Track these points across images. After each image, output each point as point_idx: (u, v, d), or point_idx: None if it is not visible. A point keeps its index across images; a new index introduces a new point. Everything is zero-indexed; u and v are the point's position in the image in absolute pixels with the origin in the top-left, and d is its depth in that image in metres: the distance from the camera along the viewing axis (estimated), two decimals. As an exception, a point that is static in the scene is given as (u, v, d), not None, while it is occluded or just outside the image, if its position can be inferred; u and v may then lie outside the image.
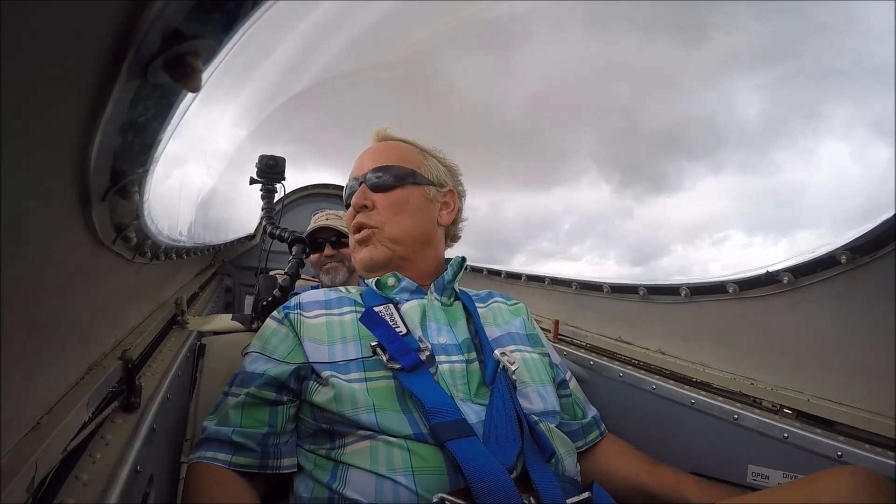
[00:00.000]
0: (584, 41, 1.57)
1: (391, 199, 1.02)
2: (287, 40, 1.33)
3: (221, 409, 0.87)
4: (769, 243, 1.34)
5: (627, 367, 1.27)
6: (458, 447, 0.71)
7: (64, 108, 0.35)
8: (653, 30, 1.45)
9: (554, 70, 1.72)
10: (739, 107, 1.42)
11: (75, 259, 0.51)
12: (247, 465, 0.81)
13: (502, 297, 1.12)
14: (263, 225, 1.63)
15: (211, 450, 0.82)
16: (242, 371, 0.90)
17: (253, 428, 0.84)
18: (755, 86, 1.36)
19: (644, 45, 1.48)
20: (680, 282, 1.21)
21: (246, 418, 0.85)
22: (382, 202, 1.02)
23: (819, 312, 0.92)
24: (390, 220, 1.01)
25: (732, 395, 1.05)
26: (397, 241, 1.00)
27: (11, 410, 0.47)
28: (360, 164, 1.08)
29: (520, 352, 0.96)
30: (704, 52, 1.39)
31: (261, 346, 0.93)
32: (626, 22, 1.47)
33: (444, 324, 0.93)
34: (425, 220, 1.04)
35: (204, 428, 0.86)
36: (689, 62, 1.43)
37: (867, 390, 0.85)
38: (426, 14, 1.67)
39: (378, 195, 1.02)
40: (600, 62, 1.59)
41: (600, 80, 1.66)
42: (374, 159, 1.06)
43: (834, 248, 0.85)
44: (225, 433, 0.83)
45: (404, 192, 1.03)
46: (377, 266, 1.01)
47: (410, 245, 1.02)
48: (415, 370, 0.81)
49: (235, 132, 1.54)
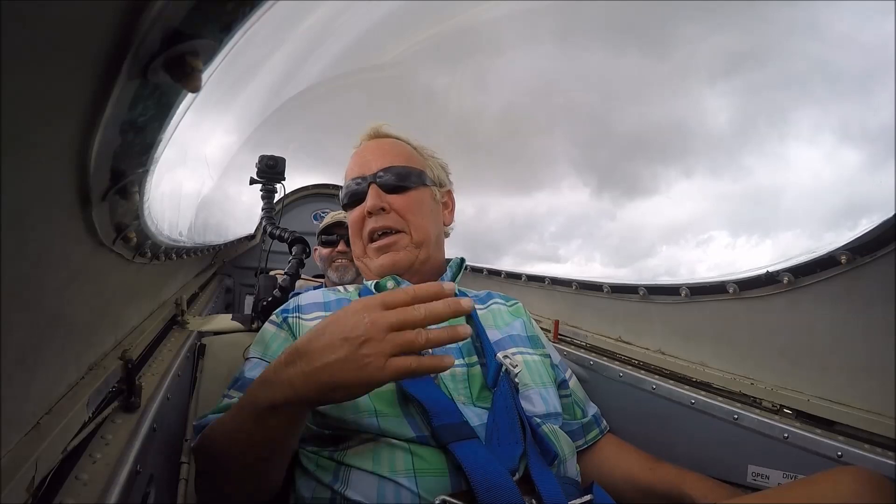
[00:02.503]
0: (555, 54, 1.64)
1: (409, 201, 0.98)
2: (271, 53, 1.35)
3: (219, 408, 0.87)
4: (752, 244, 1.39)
5: (627, 367, 1.27)
6: (461, 449, 0.71)
7: (64, 107, 0.35)
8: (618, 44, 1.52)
9: (527, 81, 1.80)
10: (708, 114, 1.49)
11: (75, 259, 0.51)
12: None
13: (501, 298, 1.11)
14: (263, 225, 1.63)
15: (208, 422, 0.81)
16: (242, 377, 0.90)
17: None
18: (721, 94, 1.42)
19: (611, 58, 1.55)
20: (680, 282, 1.21)
21: None
22: (400, 204, 0.97)
23: (819, 312, 0.92)
24: (412, 223, 0.97)
25: (732, 395, 1.05)
26: (420, 244, 0.98)
27: (11, 410, 0.47)
28: (363, 162, 1.03)
29: (521, 354, 0.95)
30: (669, 63, 1.45)
31: (261, 351, 0.92)
32: (593, 37, 1.54)
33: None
34: (437, 221, 1.02)
35: (197, 428, 0.85)
36: (655, 73, 1.50)
37: (867, 390, 0.85)
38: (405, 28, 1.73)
39: (393, 197, 0.98)
40: (571, 73, 1.67)
41: (572, 90, 1.73)
42: (380, 158, 1.01)
43: (834, 248, 0.85)
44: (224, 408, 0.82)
45: (418, 193, 0.99)
46: (399, 272, 0.98)
47: (429, 248, 0.99)
48: None
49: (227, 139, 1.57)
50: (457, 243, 1.19)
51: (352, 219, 1.03)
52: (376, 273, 1.00)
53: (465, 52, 1.80)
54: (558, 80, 1.73)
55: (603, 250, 1.92)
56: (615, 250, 1.88)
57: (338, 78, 2.03)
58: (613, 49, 1.54)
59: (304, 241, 1.49)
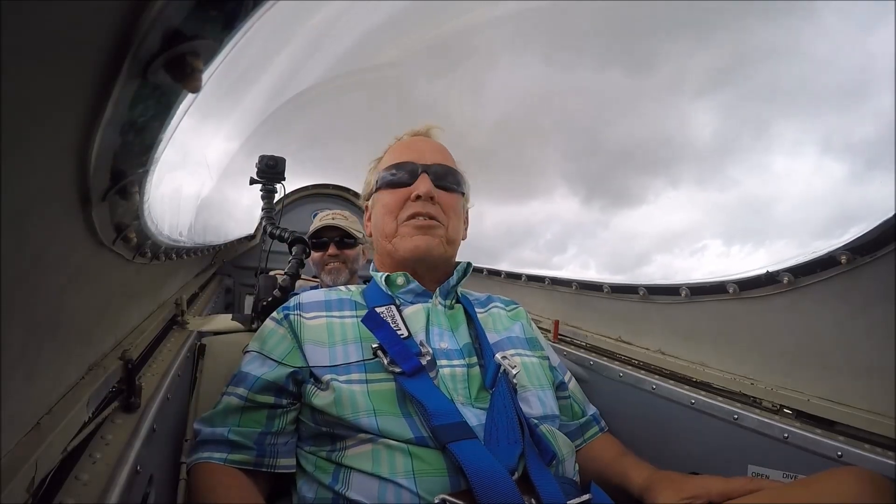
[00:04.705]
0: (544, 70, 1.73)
1: (453, 201, 1.01)
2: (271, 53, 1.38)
3: (218, 408, 0.87)
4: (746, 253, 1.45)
5: (627, 367, 1.27)
6: (460, 449, 0.71)
7: (64, 108, 0.35)
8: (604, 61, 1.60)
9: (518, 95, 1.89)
10: (693, 127, 1.55)
11: (75, 259, 0.51)
12: (242, 462, 0.82)
13: (501, 302, 1.12)
14: (263, 225, 1.63)
15: (207, 450, 0.83)
16: (240, 371, 0.91)
17: (249, 427, 0.84)
18: (705, 108, 1.48)
19: (597, 74, 1.63)
20: (680, 282, 1.21)
21: (244, 420, 0.85)
22: (445, 200, 1.00)
23: (819, 312, 0.92)
24: (451, 221, 1.00)
25: (732, 395, 1.05)
26: (451, 243, 1.01)
27: (11, 410, 0.47)
28: (417, 150, 1.04)
29: (520, 356, 0.96)
30: (654, 79, 1.53)
31: (259, 346, 0.93)
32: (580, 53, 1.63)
33: (446, 328, 0.93)
34: (462, 230, 1.07)
35: (198, 431, 0.86)
36: (640, 88, 1.57)
37: (867, 390, 0.85)
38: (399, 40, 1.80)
39: (440, 192, 1.00)
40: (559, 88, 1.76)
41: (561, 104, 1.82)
42: (436, 153, 1.05)
43: (834, 248, 0.85)
44: (220, 433, 0.83)
45: (458, 197, 1.04)
46: (429, 258, 0.97)
47: (455, 250, 1.03)
48: (415, 374, 0.81)
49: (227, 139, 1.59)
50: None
51: (389, 200, 1.01)
52: (406, 253, 0.97)
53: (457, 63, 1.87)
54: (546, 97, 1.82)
55: (598, 258, 1.99)
56: (610, 258, 1.94)
57: (338, 78, 2.05)
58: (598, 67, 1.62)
59: (304, 242, 1.49)
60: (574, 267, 2.03)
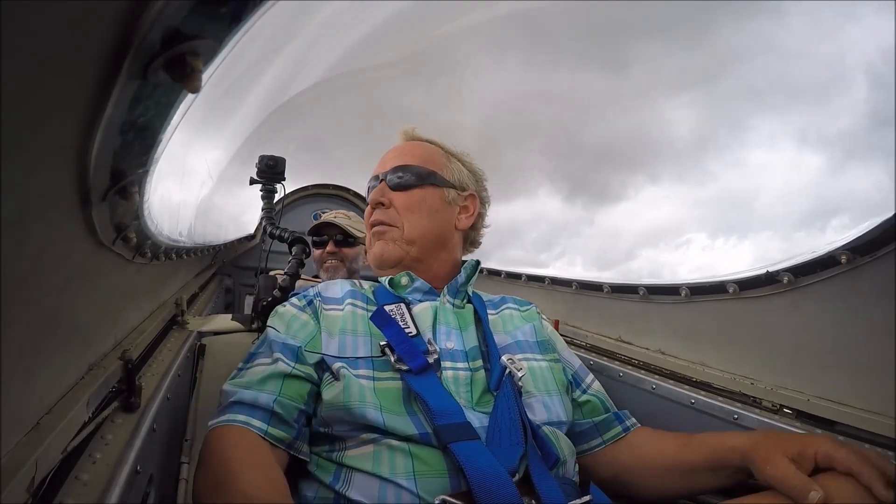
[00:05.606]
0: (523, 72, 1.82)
1: (409, 199, 1.02)
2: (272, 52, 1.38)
3: (252, 372, 0.82)
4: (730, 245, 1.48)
5: (627, 367, 1.27)
6: (461, 449, 0.71)
7: (64, 107, 0.35)
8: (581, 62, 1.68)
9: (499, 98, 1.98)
10: (671, 124, 1.60)
11: (75, 259, 0.51)
12: (281, 440, 0.76)
13: (515, 303, 1.10)
14: (263, 225, 1.63)
15: (244, 413, 0.76)
16: (272, 341, 0.86)
17: (293, 401, 0.79)
18: (682, 105, 1.54)
19: (574, 75, 1.71)
20: (680, 282, 1.21)
21: (287, 388, 0.80)
22: (399, 201, 1.02)
23: (819, 312, 0.92)
24: (406, 219, 1.01)
25: (732, 395, 1.05)
26: (412, 241, 1.00)
27: (11, 410, 0.47)
28: (383, 162, 1.09)
29: (527, 360, 0.94)
30: (630, 79, 1.59)
31: (284, 327, 0.89)
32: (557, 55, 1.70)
33: (454, 328, 0.92)
34: (442, 221, 1.04)
35: (230, 392, 0.79)
36: (617, 87, 1.63)
37: (867, 390, 0.85)
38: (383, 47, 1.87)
39: (395, 194, 1.03)
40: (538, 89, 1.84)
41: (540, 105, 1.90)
42: (396, 158, 1.07)
43: (834, 248, 0.85)
44: (265, 400, 0.77)
45: (422, 192, 1.03)
46: (387, 263, 1.01)
47: (424, 246, 1.01)
48: (422, 372, 0.81)
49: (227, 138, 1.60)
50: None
51: (366, 213, 1.09)
52: (370, 260, 1.06)
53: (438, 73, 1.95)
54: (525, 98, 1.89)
55: (584, 254, 2.02)
56: (596, 254, 1.98)
57: (338, 78, 2.06)
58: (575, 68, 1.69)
59: (304, 241, 1.49)
60: (561, 264, 2.06)
